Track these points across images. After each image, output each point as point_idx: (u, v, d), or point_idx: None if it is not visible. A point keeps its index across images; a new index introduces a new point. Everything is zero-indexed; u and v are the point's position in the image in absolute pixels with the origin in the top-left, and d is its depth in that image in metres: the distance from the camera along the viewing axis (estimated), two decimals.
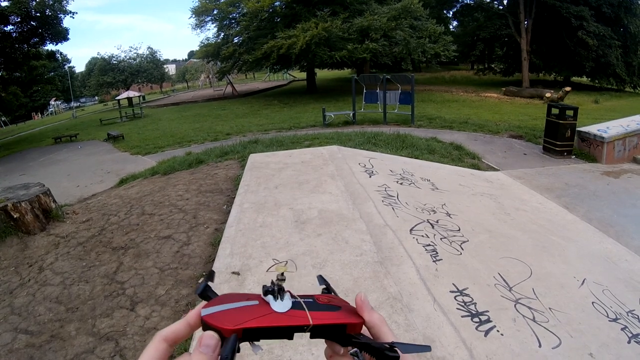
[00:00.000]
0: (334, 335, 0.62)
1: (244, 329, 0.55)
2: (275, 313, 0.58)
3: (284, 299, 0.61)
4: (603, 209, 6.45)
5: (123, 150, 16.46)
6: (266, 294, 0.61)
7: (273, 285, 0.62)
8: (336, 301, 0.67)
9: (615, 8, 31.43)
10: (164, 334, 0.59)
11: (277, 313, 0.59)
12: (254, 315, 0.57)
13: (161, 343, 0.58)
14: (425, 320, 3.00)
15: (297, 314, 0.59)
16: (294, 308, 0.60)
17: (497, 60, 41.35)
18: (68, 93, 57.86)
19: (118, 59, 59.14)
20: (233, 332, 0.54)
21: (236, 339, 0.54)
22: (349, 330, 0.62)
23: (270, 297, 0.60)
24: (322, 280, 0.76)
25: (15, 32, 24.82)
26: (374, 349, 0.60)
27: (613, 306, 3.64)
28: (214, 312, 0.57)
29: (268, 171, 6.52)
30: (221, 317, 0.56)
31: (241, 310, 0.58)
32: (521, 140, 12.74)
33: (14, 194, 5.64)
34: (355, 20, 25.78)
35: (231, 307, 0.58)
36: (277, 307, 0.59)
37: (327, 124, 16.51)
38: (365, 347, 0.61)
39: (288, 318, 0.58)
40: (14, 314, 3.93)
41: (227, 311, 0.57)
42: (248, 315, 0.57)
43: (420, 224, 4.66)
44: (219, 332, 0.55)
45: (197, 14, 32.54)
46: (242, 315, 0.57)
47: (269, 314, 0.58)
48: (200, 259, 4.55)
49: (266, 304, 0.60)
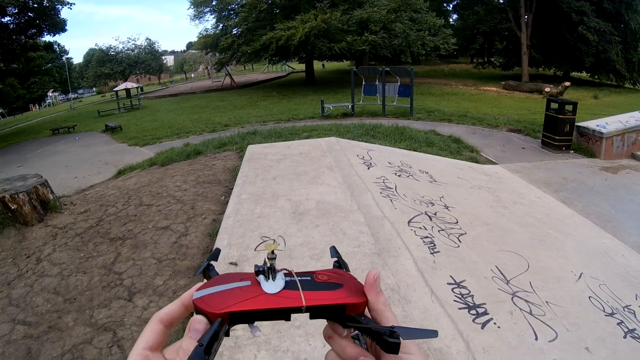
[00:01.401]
0: (335, 315, 0.60)
1: (230, 312, 0.54)
2: (264, 294, 0.57)
3: (275, 278, 0.59)
4: (601, 204, 6.46)
5: (121, 141, 16.41)
6: (257, 274, 0.60)
7: (264, 264, 0.61)
8: (337, 278, 0.64)
9: (616, 4, 31.37)
10: (159, 315, 0.59)
11: (267, 294, 0.57)
12: (242, 297, 0.56)
13: (157, 324, 0.58)
14: (422, 312, 3.00)
15: (289, 294, 0.57)
16: (287, 288, 0.58)
17: (497, 54, 41.23)
18: (66, 84, 57.55)
19: (116, 50, 58.82)
20: (218, 316, 0.53)
21: (220, 323, 0.53)
22: (348, 310, 0.59)
23: (262, 277, 0.59)
24: (334, 252, 0.75)
25: (12, 23, 24.70)
26: (374, 332, 0.56)
27: (609, 301, 3.65)
28: (204, 295, 0.57)
29: (266, 162, 6.51)
30: (209, 300, 0.55)
31: (230, 292, 0.57)
32: (520, 134, 12.73)
33: (11, 185, 5.64)
34: (354, 12, 25.70)
35: (222, 289, 0.57)
36: (268, 287, 0.58)
37: (325, 115, 16.47)
38: (364, 330, 0.58)
39: (278, 299, 0.56)
40: (11, 305, 3.93)
41: (217, 294, 0.56)
42: (236, 297, 0.55)
43: (418, 216, 4.66)
44: (207, 316, 0.54)
45: (195, 4, 32.42)
46: (229, 298, 0.55)
47: (258, 295, 0.57)
48: (198, 249, 4.55)
49: (258, 285, 0.58)
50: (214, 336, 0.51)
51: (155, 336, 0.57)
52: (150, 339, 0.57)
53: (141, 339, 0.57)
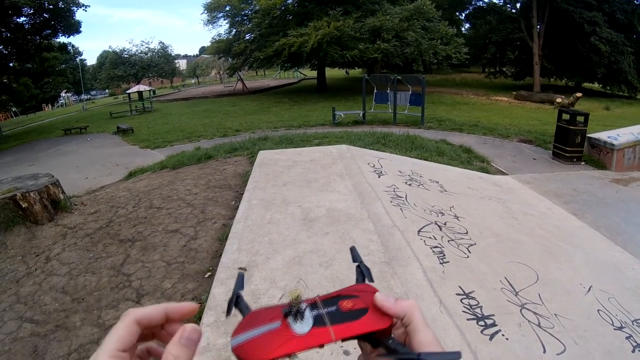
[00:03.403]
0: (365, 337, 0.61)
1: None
2: (296, 337, 0.57)
3: (304, 318, 0.60)
4: (611, 217, 6.41)
5: (132, 143, 16.52)
6: (286, 315, 0.60)
7: (291, 308, 0.61)
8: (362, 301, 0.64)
9: (629, 14, 31.31)
10: (137, 316, 0.56)
11: (298, 336, 0.58)
12: (277, 343, 0.56)
13: (134, 326, 0.56)
14: (431, 322, 2.98)
15: (318, 332, 0.58)
16: (315, 325, 0.59)
17: (509, 63, 41.18)
18: (79, 85, 58.12)
19: (129, 52, 59.25)
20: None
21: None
22: (377, 335, 0.60)
23: (291, 319, 0.60)
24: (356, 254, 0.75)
25: (28, 23, 25.02)
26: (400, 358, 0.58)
27: (618, 314, 3.62)
28: (242, 342, 0.57)
29: (277, 168, 6.52)
30: (249, 348, 0.56)
31: (265, 337, 0.57)
32: (531, 145, 12.68)
33: (23, 183, 5.68)
34: (367, 20, 25.80)
35: (256, 334, 0.58)
36: (298, 328, 0.58)
37: (336, 123, 16.51)
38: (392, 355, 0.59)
39: (309, 339, 0.57)
40: (19, 302, 3.96)
41: (253, 341, 0.57)
42: (271, 343, 0.56)
43: (428, 225, 4.65)
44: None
45: (209, 10, 32.66)
46: (266, 344, 0.56)
47: (290, 339, 0.57)
48: (208, 253, 4.56)
49: (285, 327, 0.59)
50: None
51: (131, 338, 0.55)
52: (126, 341, 0.54)
53: (114, 338, 0.53)
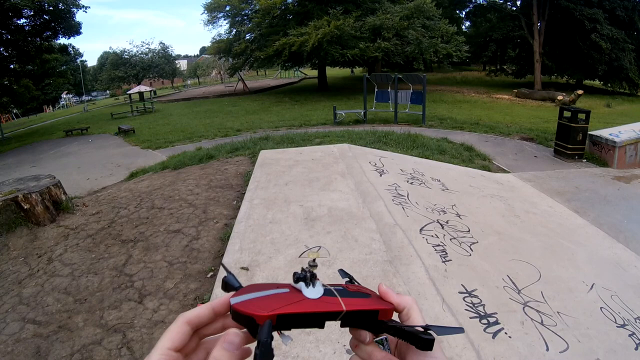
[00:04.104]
0: (365, 322, 0.61)
1: (278, 315, 0.53)
2: (308, 299, 0.57)
3: (315, 285, 0.59)
4: (613, 214, 6.40)
5: (133, 144, 16.53)
6: (297, 280, 0.60)
7: (304, 271, 0.61)
8: (364, 290, 0.65)
9: (630, 11, 31.26)
10: (187, 317, 0.58)
11: (310, 299, 0.57)
12: (287, 301, 0.56)
13: (185, 326, 0.57)
14: (433, 320, 2.99)
15: (329, 300, 0.58)
16: (325, 295, 0.59)
17: (509, 61, 41.15)
18: (80, 87, 58.27)
19: (130, 53, 59.19)
20: (267, 318, 0.52)
21: (271, 325, 0.52)
22: (380, 316, 0.61)
23: (302, 284, 0.59)
24: (344, 273, 0.75)
25: (28, 25, 25.04)
26: (408, 333, 0.58)
27: (621, 312, 3.62)
28: (244, 300, 0.56)
29: (278, 168, 6.52)
30: (253, 304, 0.54)
31: (273, 297, 0.56)
32: (532, 142, 12.68)
33: (24, 185, 5.69)
34: (367, 19, 25.79)
35: (262, 294, 0.57)
36: (309, 293, 0.58)
37: (337, 122, 16.51)
38: (398, 331, 0.60)
39: (321, 304, 0.57)
40: (22, 303, 3.96)
41: (259, 299, 0.56)
42: (281, 301, 0.55)
43: (430, 224, 4.65)
44: (252, 320, 0.53)
45: (209, 10, 32.65)
46: (274, 302, 0.55)
47: (302, 300, 0.57)
48: (210, 253, 4.56)
49: (297, 291, 0.58)
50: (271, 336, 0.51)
51: (182, 337, 0.56)
52: (176, 340, 0.55)
53: (166, 338, 0.55)
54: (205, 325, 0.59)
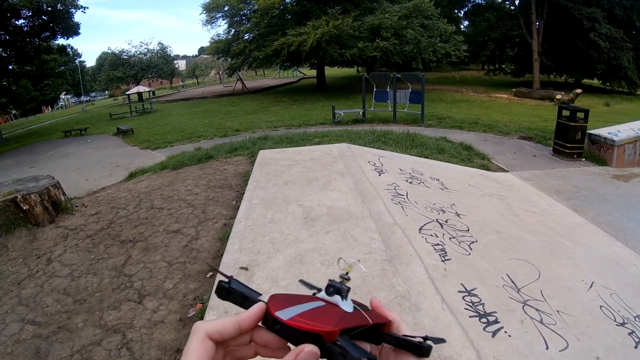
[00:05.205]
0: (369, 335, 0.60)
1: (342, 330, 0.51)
2: (347, 314, 0.56)
3: (347, 299, 0.58)
4: (612, 213, 6.41)
5: (132, 144, 16.52)
6: (333, 294, 0.58)
7: (342, 284, 0.59)
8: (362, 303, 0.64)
9: (628, 10, 31.28)
10: (208, 330, 0.54)
11: (350, 313, 0.56)
12: (336, 317, 0.53)
13: (208, 341, 0.53)
14: (433, 320, 2.99)
15: (358, 314, 0.57)
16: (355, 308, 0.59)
17: (508, 60, 41.16)
18: (78, 87, 58.12)
19: (128, 54, 59.19)
20: (334, 334, 0.49)
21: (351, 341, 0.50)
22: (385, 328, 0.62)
23: (338, 298, 0.58)
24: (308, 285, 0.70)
25: (26, 26, 25.03)
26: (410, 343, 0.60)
27: (621, 310, 3.62)
28: (295, 315, 0.52)
29: (277, 167, 6.52)
30: (310, 320, 0.51)
31: (319, 311, 0.54)
32: (531, 141, 12.69)
33: (23, 186, 5.68)
34: (366, 19, 25.78)
35: (305, 308, 0.54)
36: (345, 307, 0.57)
37: (336, 121, 16.51)
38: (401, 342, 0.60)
39: (356, 319, 0.56)
40: (21, 304, 3.96)
41: (309, 313, 0.53)
42: (331, 317, 0.53)
43: (430, 223, 4.64)
44: (316, 336, 0.49)
45: (207, 10, 32.63)
46: (325, 316, 0.53)
47: (344, 315, 0.55)
48: (209, 253, 4.56)
49: (332, 305, 0.57)
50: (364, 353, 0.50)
51: (208, 355, 0.52)
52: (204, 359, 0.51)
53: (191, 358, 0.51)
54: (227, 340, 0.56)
